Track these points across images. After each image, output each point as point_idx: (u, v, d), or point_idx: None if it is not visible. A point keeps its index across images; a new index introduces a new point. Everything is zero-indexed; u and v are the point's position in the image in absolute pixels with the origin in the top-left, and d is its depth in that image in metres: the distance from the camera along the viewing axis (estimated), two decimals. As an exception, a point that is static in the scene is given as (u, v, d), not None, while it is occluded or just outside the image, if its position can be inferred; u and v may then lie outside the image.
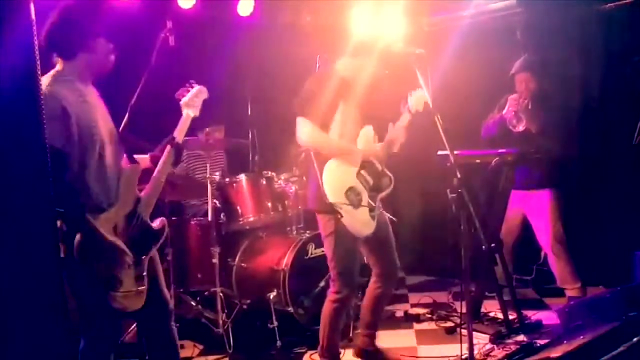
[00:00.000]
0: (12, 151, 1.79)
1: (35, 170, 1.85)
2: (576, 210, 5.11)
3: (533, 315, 4.40)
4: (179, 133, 3.10)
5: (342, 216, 3.30)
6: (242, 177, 4.62)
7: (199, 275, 4.51)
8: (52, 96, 2.46)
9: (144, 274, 2.72)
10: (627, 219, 4.83)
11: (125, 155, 2.89)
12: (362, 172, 3.46)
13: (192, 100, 3.22)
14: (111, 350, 2.83)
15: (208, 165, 4.41)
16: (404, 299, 5.21)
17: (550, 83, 4.66)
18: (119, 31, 4.47)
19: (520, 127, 4.40)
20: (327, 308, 3.55)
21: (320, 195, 3.35)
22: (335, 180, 3.36)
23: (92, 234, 2.51)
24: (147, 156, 3.03)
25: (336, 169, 3.37)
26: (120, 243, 2.62)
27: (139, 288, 2.68)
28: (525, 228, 4.78)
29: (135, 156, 3.03)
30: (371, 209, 3.41)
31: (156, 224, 2.88)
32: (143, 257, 2.74)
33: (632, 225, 4.69)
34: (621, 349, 2.64)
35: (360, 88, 3.50)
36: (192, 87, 3.29)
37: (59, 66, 2.67)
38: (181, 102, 3.19)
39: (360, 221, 3.37)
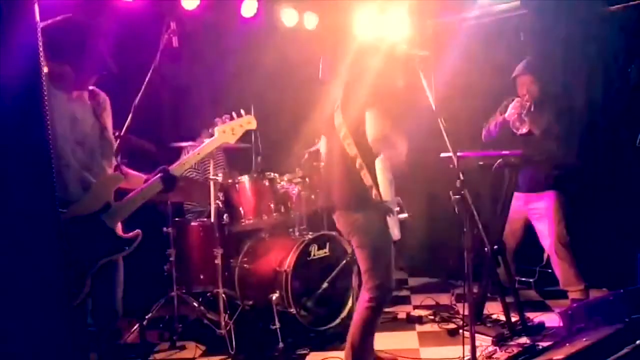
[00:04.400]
0: (17, 151, 1.79)
1: (39, 170, 1.85)
2: (579, 212, 5.11)
3: (536, 317, 4.39)
4: (203, 150, 3.09)
5: (394, 213, 3.26)
6: (245, 178, 4.62)
7: (202, 276, 4.51)
8: None
9: (86, 273, 2.68)
10: (630, 221, 4.82)
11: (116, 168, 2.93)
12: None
13: (230, 127, 3.20)
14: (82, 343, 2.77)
15: (211, 166, 4.41)
16: (406, 300, 5.21)
17: (553, 85, 4.66)
18: (122, 32, 4.50)
19: (523, 130, 4.40)
20: (364, 314, 3.41)
21: (364, 192, 3.27)
22: (385, 181, 3.30)
23: None
24: (143, 176, 3.01)
25: (383, 172, 3.30)
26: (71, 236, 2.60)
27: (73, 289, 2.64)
28: (528, 230, 4.78)
29: (132, 173, 3.03)
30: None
31: (127, 234, 2.85)
32: (94, 259, 2.71)
33: (636, 227, 4.69)
34: (624, 351, 2.64)
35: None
36: (238, 116, 3.24)
37: None
38: (216, 128, 3.16)
39: (396, 224, 3.35)
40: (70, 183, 2.70)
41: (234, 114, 3.21)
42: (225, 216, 4.49)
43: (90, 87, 2.90)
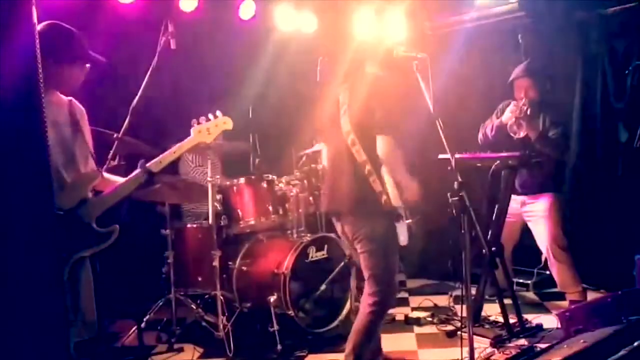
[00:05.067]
0: (15, 154, 1.79)
1: (36, 173, 1.85)
2: (577, 214, 5.12)
3: (534, 319, 4.39)
4: (179, 148, 3.10)
5: (403, 219, 3.27)
6: (243, 180, 4.62)
7: (200, 279, 4.51)
8: None
9: (66, 268, 2.67)
10: (628, 223, 4.82)
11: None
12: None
13: (207, 128, 3.20)
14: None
15: (209, 167, 4.41)
16: (404, 302, 5.20)
17: (551, 88, 4.66)
18: (121, 34, 4.51)
19: (521, 134, 4.39)
20: (366, 318, 3.40)
21: (373, 198, 3.27)
22: (395, 187, 3.32)
23: None
24: (121, 180, 3.01)
25: (390, 177, 3.33)
26: None
27: None
28: (526, 232, 4.78)
29: (111, 176, 3.04)
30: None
31: (104, 229, 2.85)
32: (69, 252, 2.71)
33: (633, 228, 4.69)
34: (622, 353, 2.64)
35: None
36: (215, 117, 3.25)
37: None
38: (192, 128, 3.17)
39: (403, 230, 3.35)
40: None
41: (210, 115, 3.24)
42: (223, 218, 4.49)
43: (69, 98, 2.92)
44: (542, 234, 4.55)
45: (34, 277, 1.82)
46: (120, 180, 2.99)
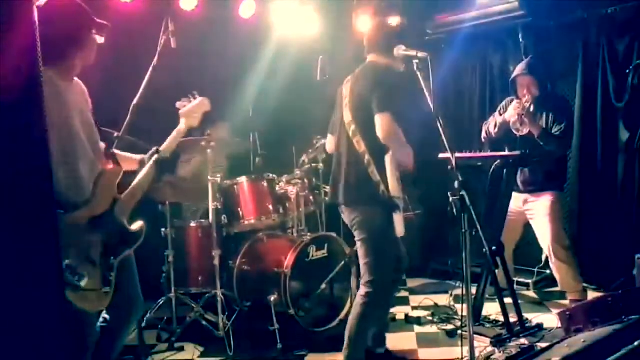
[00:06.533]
0: (16, 154, 1.79)
1: (37, 174, 1.85)
2: (578, 213, 5.12)
3: (534, 318, 4.39)
4: (172, 141, 3.11)
5: (400, 210, 3.28)
6: (244, 179, 4.62)
7: (200, 278, 4.51)
8: None
9: (112, 274, 2.66)
10: (628, 223, 4.83)
11: (109, 156, 2.90)
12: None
13: (192, 111, 3.26)
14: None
15: (210, 167, 4.40)
16: (405, 301, 5.20)
17: (552, 86, 4.66)
18: (121, 33, 4.49)
19: (524, 131, 4.39)
20: (360, 308, 3.46)
21: (371, 188, 3.31)
22: (394, 177, 3.32)
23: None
24: (138, 157, 3.02)
25: (392, 168, 3.32)
26: (93, 239, 2.60)
27: (104, 289, 2.62)
28: (527, 231, 4.78)
29: (128, 155, 3.04)
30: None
31: (135, 227, 2.84)
32: (113, 258, 2.68)
33: (634, 228, 4.69)
34: (622, 352, 2.64)
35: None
36: (194, 99, 3.29)
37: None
38: (180, 112, 3.20)
39: (401, 221, 3.35)
40: (88, 181, 2.66)
41: (190, 96, 3.32)
42: (223, 217, 4.48)
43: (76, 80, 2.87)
44: (545, 233, 4.55)
45: (34, 278, 1.82)
46: (132, 157, 3.00)
